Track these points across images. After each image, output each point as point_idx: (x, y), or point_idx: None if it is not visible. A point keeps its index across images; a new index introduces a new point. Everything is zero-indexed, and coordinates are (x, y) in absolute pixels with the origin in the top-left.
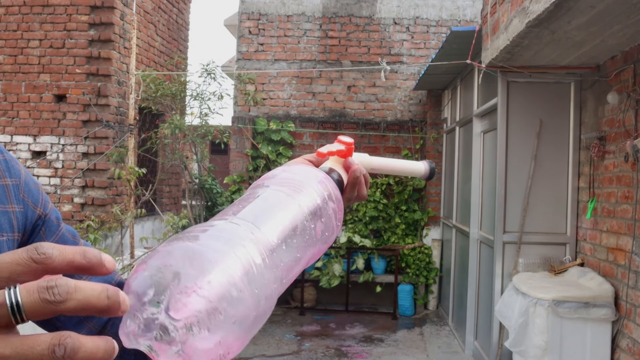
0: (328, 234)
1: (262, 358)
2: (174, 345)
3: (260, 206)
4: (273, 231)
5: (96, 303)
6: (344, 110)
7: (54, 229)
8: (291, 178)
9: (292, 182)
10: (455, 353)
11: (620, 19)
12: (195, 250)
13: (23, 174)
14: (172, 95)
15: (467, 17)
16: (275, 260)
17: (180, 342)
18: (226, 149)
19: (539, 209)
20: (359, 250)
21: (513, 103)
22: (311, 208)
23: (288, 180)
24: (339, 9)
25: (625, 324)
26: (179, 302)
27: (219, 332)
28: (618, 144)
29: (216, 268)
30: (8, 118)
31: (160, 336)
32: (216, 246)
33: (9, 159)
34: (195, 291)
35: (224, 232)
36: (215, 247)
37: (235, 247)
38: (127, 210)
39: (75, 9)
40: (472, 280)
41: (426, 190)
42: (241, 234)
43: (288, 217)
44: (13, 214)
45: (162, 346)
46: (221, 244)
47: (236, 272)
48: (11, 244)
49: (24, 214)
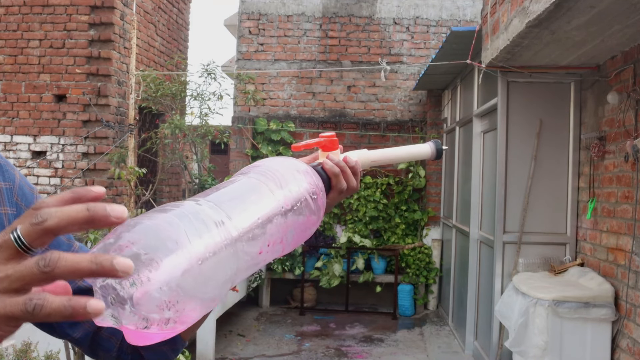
0: (307, 224)
1: (262, 358)
2: (126, 304)
3: (231, 191)
4: (235, 212)
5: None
6: (344, 110)
7: None
8: (273, 167)
9: (272, 171)
10: (455, 353)
11: (620, 19)
12: (137, 221)
13: (18, 178)
14: (172, 95)
15: (467, 17)
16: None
17: (128, 298)
18: (226, 149)
19: (539, 209)
20: (359, 250)
21: (513, 103)
22: (288, 198)
23: (269, 170)
24: (339, 9)
25: (625, 324)
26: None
27: (158, 279)
28: (618, 144)
29: (153, 228)
30: (8, 118)
31: (114, 299)
32: (164, 217)
33: (3, 164)
34: (127, 247)
35: (179, 210)
36: (162, 217)
37: (183, 219)
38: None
39: (75, 9)
40: (472, 280)
41: (426, 190)
42: (198, 210)
43: (255, 201)
44: (5, 215)
45: (119, 310)
46: (169, 216)
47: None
48: None
49: (16, 216)
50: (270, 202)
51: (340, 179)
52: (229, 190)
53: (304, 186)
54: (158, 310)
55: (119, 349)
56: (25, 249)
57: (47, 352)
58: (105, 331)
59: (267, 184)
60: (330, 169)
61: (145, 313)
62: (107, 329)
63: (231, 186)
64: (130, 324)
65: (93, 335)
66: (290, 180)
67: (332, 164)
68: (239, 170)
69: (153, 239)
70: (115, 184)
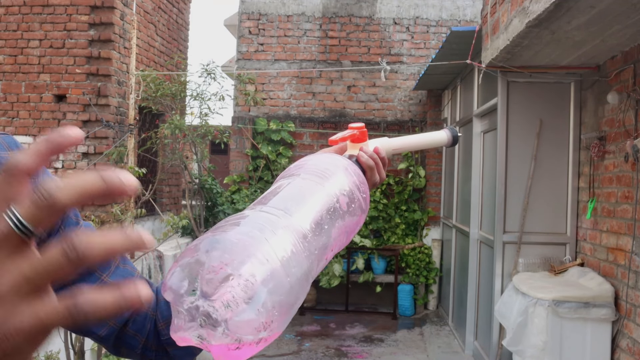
0: (358, 215)
1: (262, 358)
2: (219, 326)
3: (290, 194)
4: (305, 217)
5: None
6: (344, 110)
7: (72, 226)
8: (318, 166)
9: (319, 169)
10: (455, 353)
11: (620, 19)
12: (219, 238)
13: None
14: (172, 95)
15: (467, 17)
16: (307, 242)
17: (222, 321)
18: (226, 149)
19: (539, 209)
20: (359, 250)
21: (513, 103)
22: (341, 193)
23: (316, 168)
24: (339, 9)
25: (625, 324)
26: (210, 282)
27: (255, 301)
28: (618, 144)
29: (240, 246)
30: (8, 118)
31: (204, 321)
32: (242, 230)
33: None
34: (222, 268)
35: (251, 220)
36: (241, 231)
37: (264, 231)
38: (127, 210)
39: (75, 9)
40: (472, 280)
41: (426, 190)
42: (272, 220)
43: (319, 203)
44: None
45: (209, 331)
46: (247, 229)
47: (262, 245)
48: None
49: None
50: (329, 202)
51: (374, 172)
52: (287, 194)
53: (354, 185)
54: (254, 332)
55: (143, 346)
56: (29, 235)
57: (47, 352)
58: (131, 328)
59: (322, 184)
60: (365, 162)
61: (240, 335)
62: (133, 325)
63: (288, 189)
64: (220, 344)
65: (118, 333)
66: (344, 180)
67: (367, 157)
68: (286, 171)
69: (243, 256)
70: None
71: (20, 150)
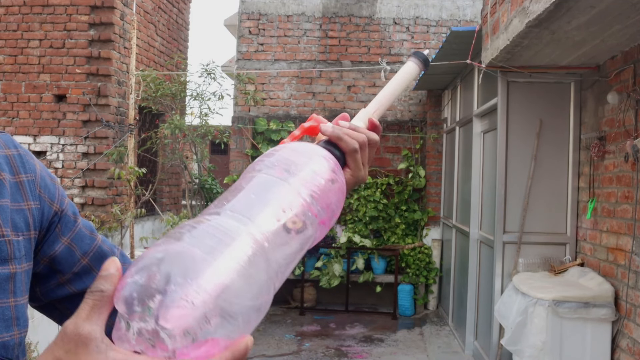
0: (330, 214)
1: (262, 358)
2: (165, 352)
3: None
4: (267, 223)
5: None
6: (344, 110)
7: (70, 225)
8: (290, 158)
9: (291, 162)
10: (455, 353)
11: (620, 19)
12: (182, 252)
13: (38, 168)
14: (172, 95)
15: (467, 17)
16: (271, 253)
17: (172, 349)
18: (226, 149)
19: (539, 209)
20: (359, 250)
21: (513, 103)
22: (310, 190)
23: (287, 161)
24: (339, 9)
25: (625, 324)
26: (169, 310)
27: (209, 336)
28: (618, 144)
29: (205, 272)
30: (8, 118)
31: (151, 341)
32: (205, 247)
33: (23, 154)
34: (183, 298)
35: (213, 230)
36: (204, 249)
37: (226, 247)
38: (127, 210)
39: (75, 9)
40: (472, 280)
41: (426, 190)
42: (232, 229)
43: (284, 205)
44: (29, 211)
45: (153, 350)
46: (212, 243)
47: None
48: (27, 243)
49: (40, 210)
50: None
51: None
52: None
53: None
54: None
55: None
56: None
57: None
58: None
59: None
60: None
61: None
62: None
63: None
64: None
65: None
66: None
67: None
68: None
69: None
70: (115, 184)
71: None
